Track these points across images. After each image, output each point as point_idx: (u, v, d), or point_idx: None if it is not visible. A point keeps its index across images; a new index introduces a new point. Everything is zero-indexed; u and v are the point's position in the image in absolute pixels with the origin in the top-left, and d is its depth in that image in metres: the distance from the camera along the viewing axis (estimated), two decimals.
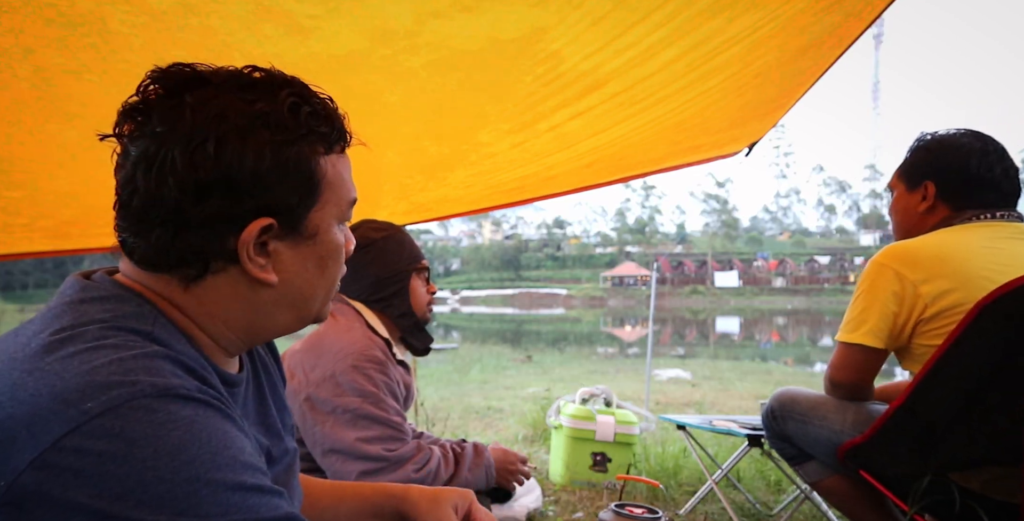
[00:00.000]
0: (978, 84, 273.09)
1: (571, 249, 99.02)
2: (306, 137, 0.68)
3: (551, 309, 56.83)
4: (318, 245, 0.72)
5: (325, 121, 0.70)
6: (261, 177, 0.66)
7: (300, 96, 0.69)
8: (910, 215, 1.69)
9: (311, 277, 0.73)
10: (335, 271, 0.76)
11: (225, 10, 1.28)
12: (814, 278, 77.03)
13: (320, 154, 0.70)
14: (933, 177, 1.64)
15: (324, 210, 0.72)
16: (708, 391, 6.55)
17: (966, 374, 1.41)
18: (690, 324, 30.57)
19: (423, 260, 1.76)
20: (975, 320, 1.34)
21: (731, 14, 1.63)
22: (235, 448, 0.58)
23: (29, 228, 2.33)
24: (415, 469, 1.49)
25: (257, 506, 0.57)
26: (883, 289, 1.56)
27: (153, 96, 0.65)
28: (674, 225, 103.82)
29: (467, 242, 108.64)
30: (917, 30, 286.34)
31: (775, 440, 1.95)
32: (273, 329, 0.75)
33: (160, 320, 0.65)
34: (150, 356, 0.59)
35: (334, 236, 0.74)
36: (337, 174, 0.73)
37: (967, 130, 1.65)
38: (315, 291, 0.74)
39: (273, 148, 0.66)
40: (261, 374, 0.85)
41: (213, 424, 0.58)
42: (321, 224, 0.72)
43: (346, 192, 0.75)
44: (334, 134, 0.72)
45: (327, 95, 0.72)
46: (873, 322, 1.56)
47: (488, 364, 9.58)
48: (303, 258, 0.72)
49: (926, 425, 1.49)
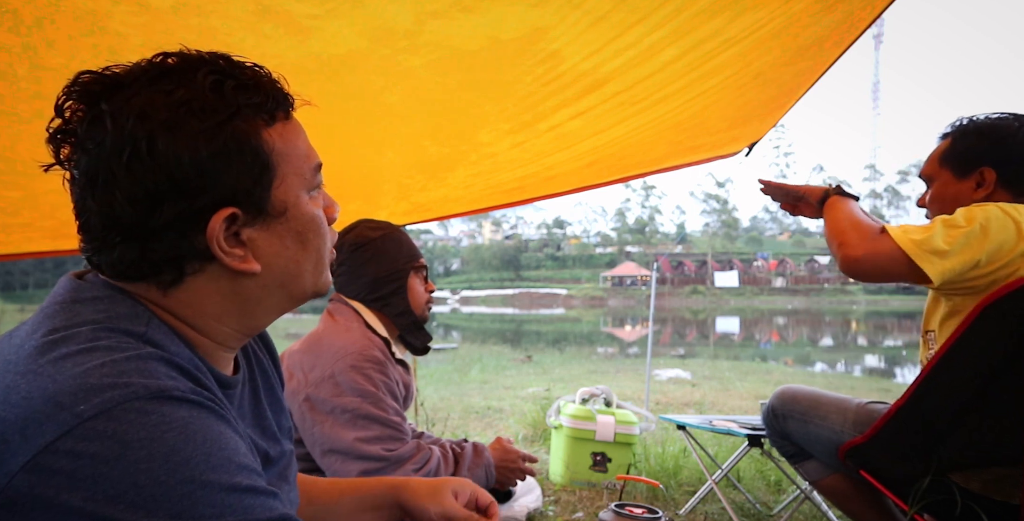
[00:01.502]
0: (978, 84, 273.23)
1: (571, 249, 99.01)
2: (238, 114, 0.64)
3: (551, 309, 56.82)
4: (291, 221, 0.69)
5: (256, 91, 0.66)
6: (205, 168, 0.62)
7: (220, 72, 0.64)
8: (962, 202, 1.55)
9: (293, 254, 0.70)
10: (319, 242, 0.72)
11: (225, 10, 1.28)
12: (814, 278, 77.04)
13: (261, 127, 0.66)
14: (991, 163, 1.54)
15: (285, 184, 0.68)
16: (708, 391, 6.55)
17: (967, 375, 1.41)
18: (690, 324, 30.57)
19: (420, 259, 1.76)
20: (977, 320, 1.34)
21: (731, 14, 1.63)
22: (229, 449, 0.58)
23: (29, 228, 2.33)
24: (415, 469, 1.49)
25: (252, 507, 0.57)
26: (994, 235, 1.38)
27: (71, 114, 0.63)
28: (674, 225, 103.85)
29: (467, 242, 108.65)
30: (917, 30, 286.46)
31: (775, 438, 1.95)
32: (267, 314, 0.73)
33: (154, 321, 0.64)
34: (143, 358, 0.58)
35: (306, 208, 0.70)
36: (288, 143, 0.68)
37: (1009, 114, 1.58)
38: (301, 267, 0.71)
39: (207, 135, 0.62)
40: (257, 376, 0.84)
41: (207, 425, 0.57)
42: (288, 199, 0.69)
43: (304, 159, 0.71)
44: (270, 103, 0.67)
45: (252, 63, 0.68)
46: (951, 263, 1.37)
47: (488, 364, 9.57)
48: (280, 238, 0.69)
49: (927, 425, 1.49)
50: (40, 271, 68.73)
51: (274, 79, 0.69)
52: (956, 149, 1.60)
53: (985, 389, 1.39)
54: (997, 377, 1.37)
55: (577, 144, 2.52)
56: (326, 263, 0.75)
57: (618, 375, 8.18)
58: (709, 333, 24.42)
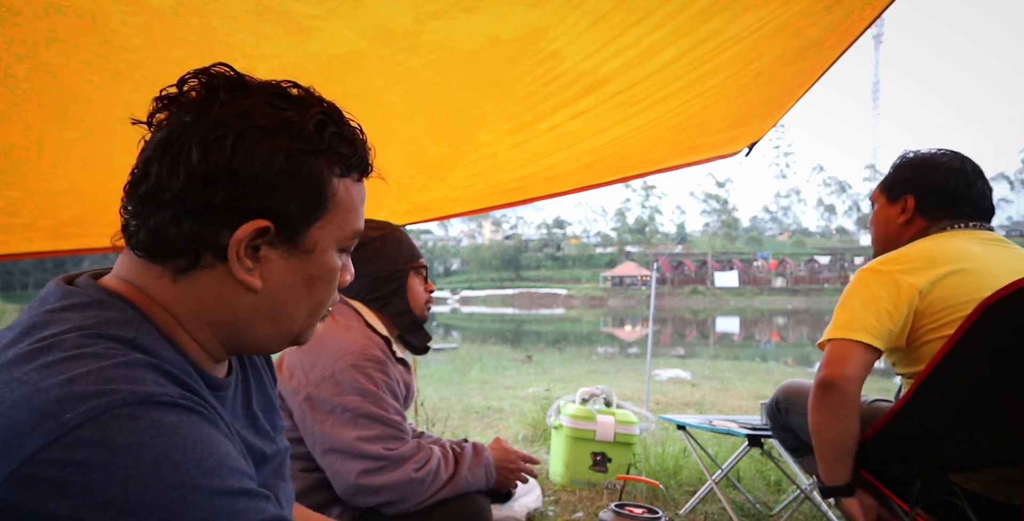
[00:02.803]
0: (978, 84, 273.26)
1: (571, 249, 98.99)
2: (324, 152, 0.69)
3: (551, 309, 56.82)
4: (311, 262, 0.71)
5: (348, 144, 0.71)
6: (268, 179, 0.66)
7: (329, 115, 0.69)
8: (889, 225, 1.78)
9: (296, 293, 0.71)
10: (323, 294, 0.74)
11: (225, 10, 1.28)
12: (814, 278, 77.04)
13: (335, 174, 0.70)
14: (913, 191, 1.73)
15: (326, 229, 0.71)
16: (708, 391, 6.55)
17: (967, 375, 1.41)
18: (690, 324, 30.56)
19: (420, 258, 1.76)
20: (977, 321, 1.34)
21: (731, 14, 1.63)
22: (220, 453, 0.58)
23: (29, 228, 2.33)
24: (415, 468, 1.49)
25: (244, 510, 0.57)
26: (873, 289, 1.57)
27: (189, 89, 0.67)
28: (674, 225, 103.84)
29: (467, 242, 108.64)
30: (917, 30, 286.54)
31: (778, 431, 1.96)
32: (253, 341, 0.73)
33: (144, 326, 0.64)
34: (131, 365, 0.58)
35: (330, 258, 0.73)
36: (349, 198, 0.72)
37: (948, 150, 1.76)
38: (297, 308, 0.72)
39: (288, 154, 0.66)
40: (250, 375, 0.85)
41: (197, 429, 0.57)
42: (320, 242, 0.71)
43: (353, 219, 0.74)
44: (355, 159, 0.72)
45: (358, 124, 0.73)
46: (869, 321, 1.55)
47: (488, 364, 9.57)
48: (292, 271, 0.70)
49: (927, 426, 1.49)
50: (40, 271, 68.71)
51: (366, 143, 0.74)
52: (890, 178, 1.81)
53: (985, 389, 1.39)
54: (996, 377, 1.37)
55: (577, 144, 2.52)
56: (318, 317, 0.76)
57: (618, 375, 8.18)
58: (709, 333, 24.42)
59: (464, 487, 1.56)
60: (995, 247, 1.62)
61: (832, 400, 1.54)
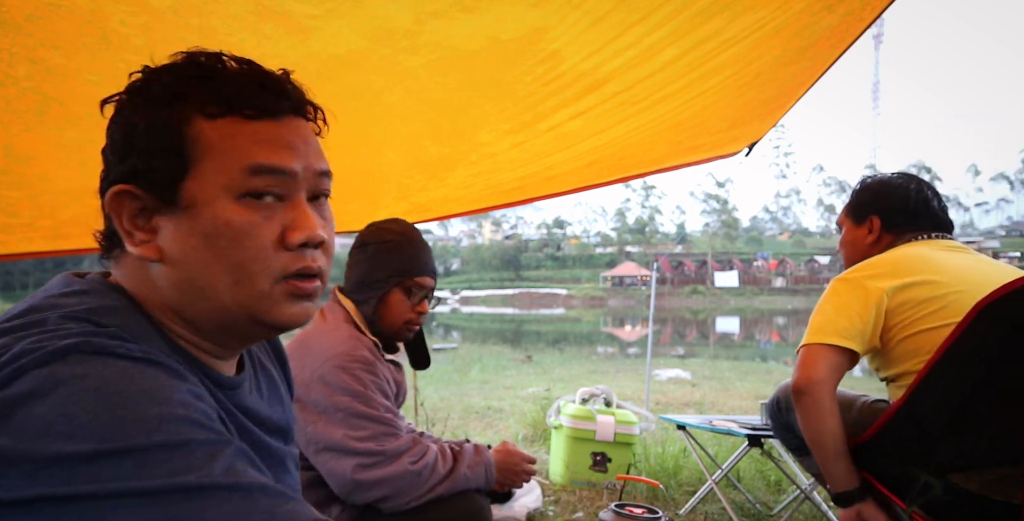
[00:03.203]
0: (978, 84, 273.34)
1: (571, 249, 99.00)
2: (178, 100, 0.65)
3: (551, 309, 56.82)
4: (199, 219, 0.64)
5: (221, 82, 0.66)
6: (127, 144, 0.65)
7: (193, 60, 0.66)
8: (858, 246, 1.88)
9: (201, 257, 0.64)
10: (237, 253, 0.64)
11: (225, 10, 1.28)
12: (814, 278, 76.99)
13: (200, 118, 0.65)
14: (877, 212, 1.84)
15: (204, 179, 0.64)
16: (708, 391, 6.55)
17: (964, 376, 1.41)
18: (690, 324, 30.56)
19: (416, 277, 1.66)
20: (973, 322, 1.34)
21: (731, 14, 1.63)
22: (178, 392, 0.56)
23: (29, 228, 2.33)
24: (411, 461, 1.50)
25: (189, 432, 0.53)
26: (843, 295, 1.65)
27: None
28: (674, 225, 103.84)
29: (467, 242, 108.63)
30: (917, 30, 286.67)
31: (780, 431, 1.97)
32: (209, 322, 0.68)
33: (137, 317, 0.64)
34: (99, 333, 0.57)
35: (223, 210, 0.64)
36: (226, 139, 0.65)
37: (903, 173, 1.90)
38: (211, 274, 0.65)
39: (141, 112, 0.65)
40: (260, 378, 0.83)
41: (153, 374, 0.56)
42: (200, 195, 0.64)
43: (236, 158, 0.65)
44: (230, 95, 0.65)
45: (245, 59, 0.68)
46: (840, 324, 1.62)
47: (488, 364, 9.57)
48: (185, 234, 0.65)
49: (925, 426, 1.49)
50: (40, 271, 68.70)
51: (259, 77, 0.68)
52: (853, 202, 1.92)
53: (982, 389, 1.39)
54: (994, 377, 1.37)
55: (577, 144, 2.52)
56: (259, 283, 0.66)
57: (618, 375, 8.18)
58: (709, 333, 24.42)
59: (463, 484, 1.56)
60: (957, 254, 1.71)
61: (805, 404, 1.61)
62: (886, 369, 1.68)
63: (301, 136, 0.69)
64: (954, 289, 1.57)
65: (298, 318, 0.69)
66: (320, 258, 0.69)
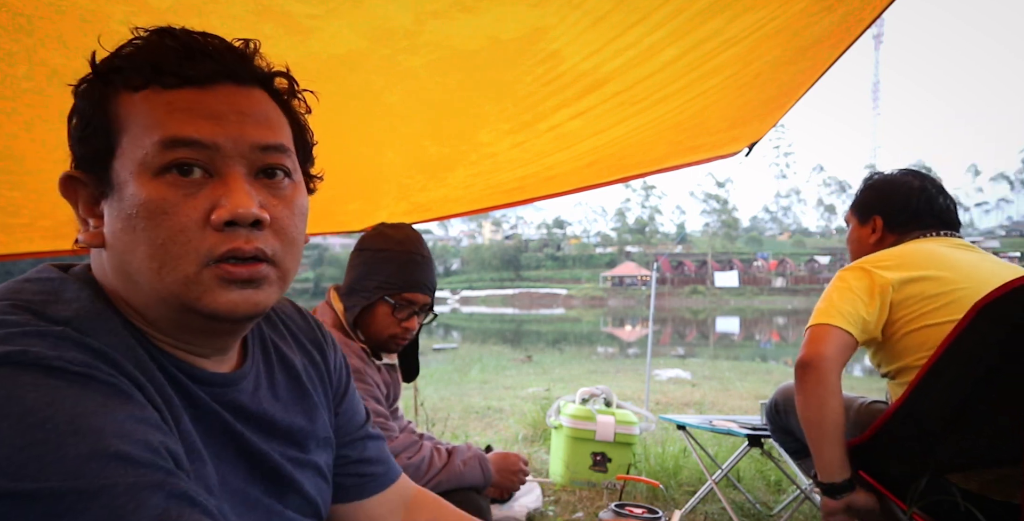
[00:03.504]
0: (978, 84, 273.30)
1: (571, 249, 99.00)
2: (104, 76, 0.62)
3: (551, 309, 56.82)
4: (123, 201, 0.59)
5: (146, 53, 0.61)
6: (72, 126, 0.63)
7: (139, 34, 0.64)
8: (863, 245, 1.89)
9: (128, 240, 0.59)
10: (155, 233, 0.58)
11: (225, 10, 1.28)
12: (814, 278, 76.97)
13: (123, 92, 0.61)
14: (879, 212, 1.85)
15: (124, 156, 0.60)
16: (708, 391, 6.55)
17: (963, 375, 1.41)
18: (690, 324, 30.55)
19: (405, 292, 1.59)
20: (973, 321, 1.34)
21: (731, 14, 1.63)
22: (109, 418, 0.50)
23: (29, 228, 2.33)
24: (408, 456, 1.54)
25: (116, 476, 0.47)
26: (849, 282, 1.65)
27: None
28: (674, 225, 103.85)
29: (467, 242, 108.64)
30: (917, 30, 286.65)
31: (778, 433, 1.97)
32: (147, 308, 0.62)
33: (99, 310, 0.60)
34: (41, 334, 0.53)
35: (139, 188, 0.58)
36: (144, 112, 0.60)
37: (909, 170, 1.89)
38: (137, 259, 0.59)
39: (83, 94, 0.62)
40: (279, 377, 0.76)
41: (85, 395, 0.50)
42: (121, 174, 0.60)
43: (147, 130, 0.59)
44: (154, 65, 0.60)
45: (188, 30, 0.64)
46: (844, 309, 1.62)
47: (488, 364, 9.57)
48: (115, 218, 0.60)
49: (925, 426, 1.49)
50: None
51: (189, 44, 0.62)
52: (858, 200, 1.92)
53: (982, 389, 1.39)
54: (994, 376, 1.37)
55: (577, 144, 2.52)
56: (183, 267, 0.59)
57: (618, 375, 8.18)
58: (709, 333, 24.41)
59: (458, 477, 1.58)
60: (963, 251, 1.71)
61: (809, 379, 1.57)
62: (888, 364, 1.68)
63: (234, 105, 0.62)
64: (961, 286, 1.56)
65: (237, 307, 0.60)
66: (261, 239, 0.61)
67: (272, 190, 0.64)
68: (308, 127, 0.72)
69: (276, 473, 0.71)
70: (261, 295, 0.62)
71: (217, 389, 0.67)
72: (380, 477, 0.89)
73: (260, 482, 0.70)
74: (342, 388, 0.88)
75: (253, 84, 0.65)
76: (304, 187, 0.70)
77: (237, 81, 0.63)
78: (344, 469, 0.86)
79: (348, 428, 0.88)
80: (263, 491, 0.70)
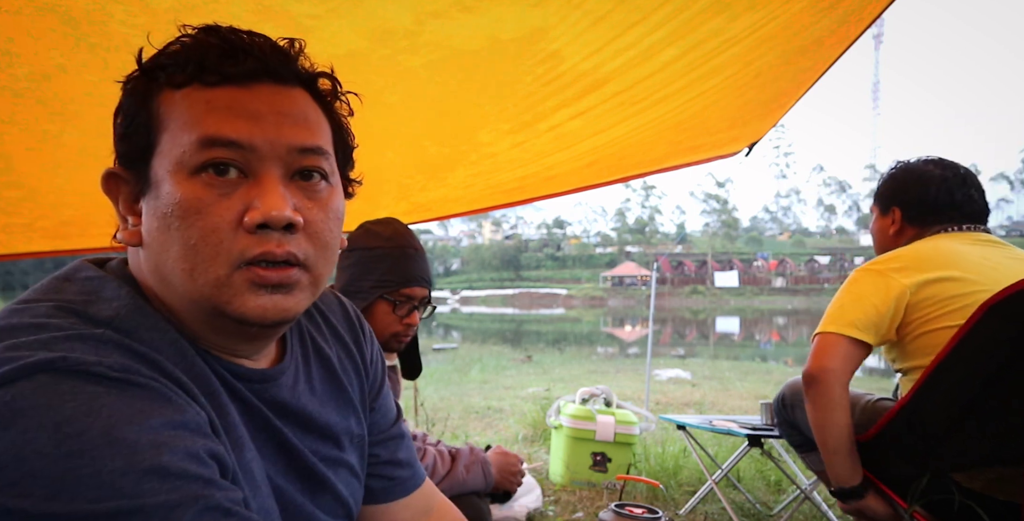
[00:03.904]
0: (978, 84, 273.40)
1: (571, 249, 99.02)
2: (145, 74, 0.61)
3: (551, 309, 56.82)
4: (159, 199, 0.59)
5: (190, 50, 0.61)
6: (116, 123, 0.63)
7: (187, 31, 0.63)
8: (884, 236, 1.86)
9: (162, 240, 0.59)
10: (188, 233, 0.57)
11: (225, 10, 1.28)
12: (814, 278, 77.03)
13: (164, 91, 0.60)
14: (898, 203, 1.80)
15: (163, 154, 0.59)
16: (708, 391, 6.55)
17: (970, 374, 1.41)
18: (690, 324, 30.56)
19: (403, 288, 1.55)
20: (980, 320, 1.34)
21: (731, 14, 1.63)
22: (144, 426, 0.49)
23: (29, 228, 2.33)
24: None
25: (150, 491, 0.46)
26: (864, 285, 1.62)
27: None
28: (674, 225, 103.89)
29: (467, 242, 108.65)
30: (917, 30, 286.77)
31: (784, 427, 1.98)
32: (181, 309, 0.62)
33: (139, 307, 0.59)
34: (83, 338, 0.52)
35: (175, 187, 0.58)
36: (184, 110, 0.59)
37: (933, 158, 1.81)
38: (170, 259, 0.58)
39: (128, 90, 0.62)
40: (315, 373, 0.75)
41: (128, 402, 0.49)
42: (158, 172, 0.59)
43: (185, 128, 0.59)
44: (187, 62, 0.60)
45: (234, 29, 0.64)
46: (855, 315, 1.59)
47: (488, 364, 9.57)
48: (152, 217, 0.60)
49: (929, 425, 1.49)
50: (40, 271, 68.63)
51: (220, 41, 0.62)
52: (879, 191, 1.89)
53: (987, 389, 1.39)
54: (999, 377, 1.37)
55: (577, 144, 2.52)
56: (214, 269, 0.58)
57: (618, 375, 8.18)
58: (709, 333, 24.41)
59: (460, 484, 1.56)
60: (987, 248, 1.66)
61: (816, 392, 1.58)
62: (902, 361, 1.66)
63: (274, 105, 0.61)
64: (980, 288, 1.52)
65: (267, 312, 0.59)
66: (294, 243, 0.60)
67: (308, 192, 0.63)
68: (349, 130, 0.71)
69: (310, 471, 0.70)
70: (291, 301, 0.61)
71: (257, 385, 0.66)
72: (407, 481, 0.87)
73: (295, 481, 0.69)
74: (377, 383, 0.86)
75: (295, 84, 0.64)
76: (341, 191, 0.69)
77: (278, 80, 0.63)
78: (373, 470, 0.83)
79: (381, 426, 0.85)
80: (297, 489, 0.69)
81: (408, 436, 0.90)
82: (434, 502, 0.91)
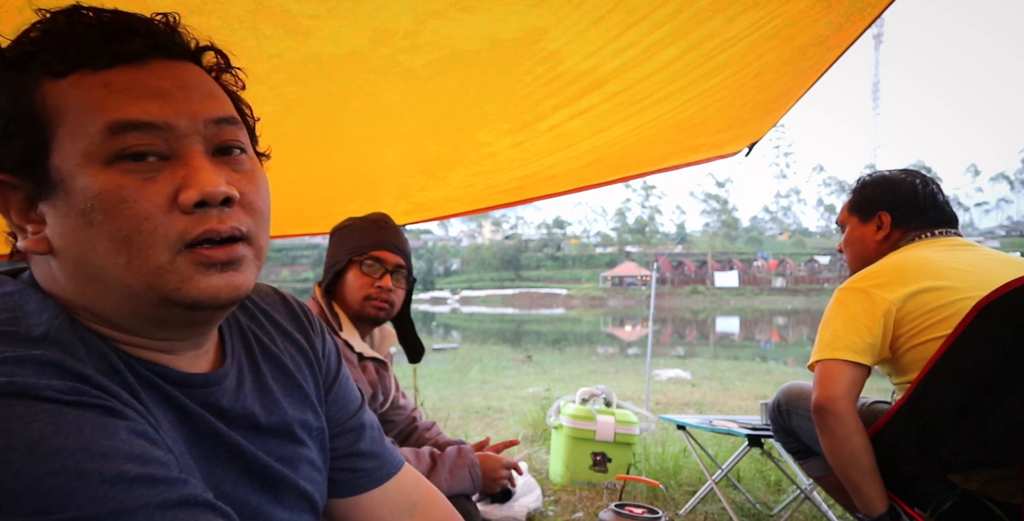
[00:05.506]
0: (978, 84, 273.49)
1: (571, 249, 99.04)
2: (23, 64, 0.56)
3: (551, 309, 56.85)
4: (72, 197, 0.54)
5: (65, 35, 0.56)
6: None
7: (49, 17, 0.57)
8: (866, 243, 1.85)
9: (86, 239, 0.55)
10: (118, 225, 0.54)
11: (225, 10, 1.28)
12: (814, 278, 77.04)
13: (44, 81, 0.56)
14: (887, 207, 1.81)
15: (64, 149, 0.55)
16: (708, 391, 6.55)
17: (965, 375, 1.41)
18: (690, 324, 30.56)
19: (370, 250, 1.65)
20: (974, 321, 1.34)
21: (731, 14, 1.63)
22: (117, 439, 0.49)
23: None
24: None
25: (143, 497, 0.47)
26: (851, 307, 1.61)
27: None
28: (674, 225, 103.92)
29: (467, 242, 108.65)
30: (917, 30, 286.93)
31: (780, 434, 1.97)
32: (117, 310, 0.58)
33: (62, 321, 0.56)
34: (21, 361, 0.50)
35: (91, 180, 0.54)
36: (77, 98, 0.55)
37: (902, 169, 1.87)
38: (101, 257, 0.55)
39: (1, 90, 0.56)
40: (265, 371, 0.74)
41: (86, 419, 0.49)
42: (63, 168, 0.55)
43: (90, 115, 0.55)
44: (77, 47, 0.55)
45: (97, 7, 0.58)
46: (850, 339, 1.58)
47: (488, 364, 9.57)
48: (64, 217, 0.55)
49: (927, 426, 1.49)
50: None
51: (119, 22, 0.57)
52: (859, 198, 1.88)
53: (984, 389, 1.39)
54: (996, 377, 1.37)
55: (577, 144, 2.52)
56: (154, 256, 0.55)
57: (618, 375, 8.18)
58: (709, 333, 24.42)
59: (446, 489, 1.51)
60: (963, 252, 1.68)
61: (828, 422, 1.56)
62: (897, 376, 1.66)
63: (176, 80, 0.58)
64: (963, 295, 1.52)
65: (220, 292, 0.57)
66: (236, 217, 0.58)
67: (232, 166, 0.61)
68: (246, 103, 0.68)
69: (267, 471, 0.69)
70: (241, 277, 0.59)
71: (196, 390, 0.64)
72: (375, 472, 0.84)
73: (253, 482, 0.68)
74: (332, 373, 0.84)
75: (186, 58, 0.61)
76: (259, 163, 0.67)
77: (170, 56, 0.60)
78: (336, 463, 0.81)
79: (338, 418, 0.83)
80: (256, 491, 0.68)
81: (373, 427, 0.88)
82: (418, 496, 0.88)
